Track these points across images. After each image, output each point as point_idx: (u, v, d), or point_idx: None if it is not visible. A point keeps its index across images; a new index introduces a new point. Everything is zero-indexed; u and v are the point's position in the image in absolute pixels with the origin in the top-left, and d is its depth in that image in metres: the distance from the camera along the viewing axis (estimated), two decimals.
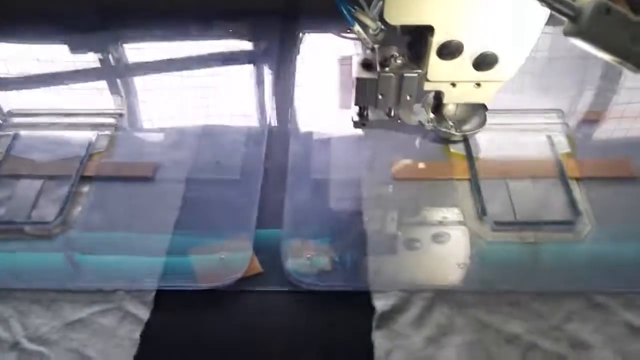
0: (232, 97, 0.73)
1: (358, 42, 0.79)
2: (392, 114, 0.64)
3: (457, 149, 0.64)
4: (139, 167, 0.62)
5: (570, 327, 0.50)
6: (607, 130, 0.68)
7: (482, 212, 0.57)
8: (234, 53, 0.79)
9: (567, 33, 0.42)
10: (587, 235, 0.56)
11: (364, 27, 0.60)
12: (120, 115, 0.69)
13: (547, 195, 0.60)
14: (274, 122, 0.69)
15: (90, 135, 0.66)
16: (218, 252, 0.55)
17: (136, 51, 0.81)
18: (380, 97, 0.59)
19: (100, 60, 0.80)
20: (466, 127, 0.63)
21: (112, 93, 0.74)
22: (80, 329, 0.50)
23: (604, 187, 0.60)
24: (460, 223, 0.57)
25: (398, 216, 0.58)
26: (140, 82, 0.76)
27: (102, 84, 0.76)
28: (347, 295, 0.52)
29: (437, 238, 0.56)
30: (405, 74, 0.57)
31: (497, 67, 0.56)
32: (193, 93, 0.73)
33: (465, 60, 0.55)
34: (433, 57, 0.55)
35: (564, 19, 0.42)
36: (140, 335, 0.49)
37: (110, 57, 0.80)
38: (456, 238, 0.56)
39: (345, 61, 0.74)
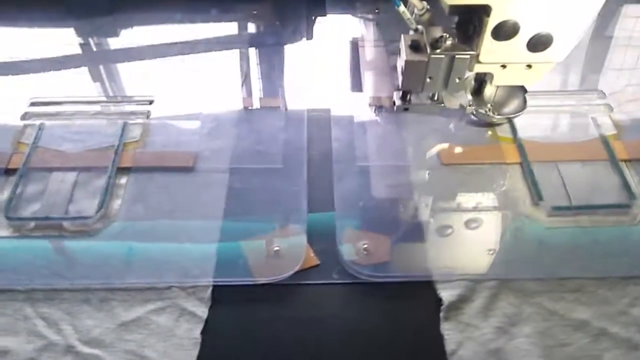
0: (264, 80, 0.70)
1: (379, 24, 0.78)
2: (437, 97, 0.62)
3: (504, 132, 0.63)
4: (178, 156, 0.60)
5: (637, 312, 0.49)
6: None
7: (538, 197, 0.56)
8: (259, 35, 0.76)
9: None
10: None
11: (409, 7, 0.57)
12: (151, 102, 0.66)
13: (599, 179, 0.59)
14: (310, 106, 0.67)
15: (120, 123, 0.63)
16: (271, 243, 0.53)
17: (155, 34, 0.77)
18: (428, 79, 0.57)
19: (108, 45, 0.76)
20: (506, 109, 0.62)
21: (141, 78, 0.71)
22: (136, 329, 0.48)
23: None
24: (516, 208, 0.56)
25: (451, 202, 0.57)
26: (165, 66, 0.72)
27: (124, 69, 0.73)
28: (408, 286, 0.51)
29: (494, 224, 0.55)
30: (457, 56, 0.55)
31: (550, 49, 0.54)
32: (222, 76, 0.70)
33: (519, 41, 0.53)
34: (487, 38, 0.53)
35: None
36: (201, 334, 0.47)
37: (128, 41, 0.76)
38: (513, 224, 0.55)
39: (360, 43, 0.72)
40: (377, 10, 0.78)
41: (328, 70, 0.72)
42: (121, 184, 0.58)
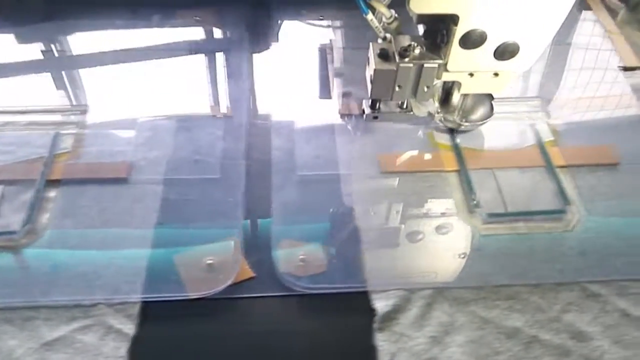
0: (205, 89, 0.69)
1: (331, 30, 0.78)
2: (406, 105, 0.61)
3: (444, 139, 0.63)
4: (111, 167, 0.58)
5: (568, 318, 0.50)
6: (588, 117, 0.68)
7: (474, 205, 0.56)
8: (201, 42, 0.75)
9: (623, 22, 0.41)
10: (576, 224, 0.56)
11: (377, 15, 0.57)
12: (84, 111, 0.64)
13: (536, 185, 0.59)
14: (252, 115, 0.66)
15: (52, 134, 0.61)
16: (205, 256, 0.51)
17: (94, 41, 0.75)
18: (397, 88, 0.57)
19: (53, 51, 0.74)
20: (474, 117, 0.62)
21: (71, 87, 0.69)
22: (61, 348, 0.46)
23: (590, 174, 0.60)
24: (452, 216, 0.56)
25: (390, 210, 0.57)
26: (102, 74, 0.70)
27: (58, 77, 0.70)
28: (345, 297, 0.51)
29: (431, 231, 0.55)
30: (425, 65, 0.55)
31: (517, 57, 0.54)
32: (162, 85, 0.69)
33: (487, 49, 0.54)
34: (455, 47, 0.53)
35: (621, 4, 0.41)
36: (128, 352, 0.46)
37: (64, 47, 0.74)
38: (450, 231, 0.55)
39: (327, 50, 0.72)
40: (321, 17, 0.78)
41: (275, 78, 0.71)
42: (50, 197, 0.56)
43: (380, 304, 0.49)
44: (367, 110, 0.62)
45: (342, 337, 0.49)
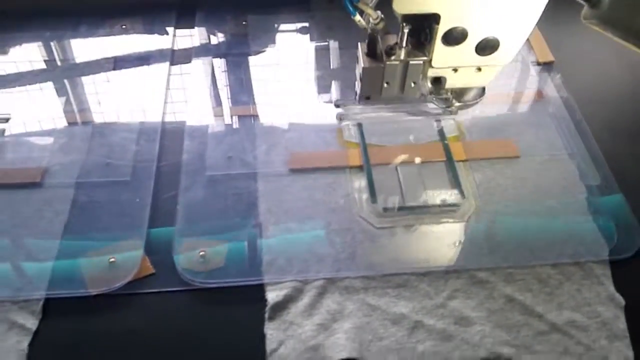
0: (124, 94, 0.71)
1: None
2: None
3: (351, 137, 0.66)
4: (25, 172, 0.60)
5: (454, 304, 0.53)
6: (494, 112, 0.70)
7: (372, 199, 0.59)
8: (128, 49, 0.77)
9: (585, 18, 0.43)
10: (470, 216, 0.59)
11: (364, 17, 0.59)
12: (7, 120, 0.67)
13: (434, 179, 0.62)
14: (167, 118, 0.68)
15: None
16: (108, 255, 0.54)
17: (22, 52, 0.78)
18: (386, 84, 0.59)
19: None
20: (466, 97, 0.64)
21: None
22: None
23: (489, 167, 0.63)
24: (350, 210, 0.59)
25: (292, 207, 0.59)
26: (25, 83, 0.73)
27: None
28: (242, 290, 0.53)
29: (329, 226, 0.58)
30: (411, 62, 0.57)
31: (497, 52, 0.57)
32: (83, 91, 0.72)
33: (468, 45, 0.56)
34: (438, 44, 0.56)
35: (583, 3, 0.43)
36: (29, 346, 0.48)
37: None
38: (347, 225, 0.58)
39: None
40: (244, 23, 0.80)
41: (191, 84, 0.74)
42: None
43: (272, 295, 0.52)
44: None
45: (235, 327, 0.51)
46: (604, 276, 0.54)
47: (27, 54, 0.76)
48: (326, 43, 0.79)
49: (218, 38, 0.80)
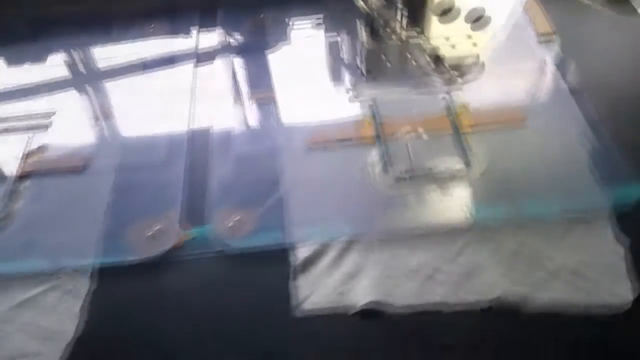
0: (152, 93, 0.77)
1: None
2: None
3: (365, 115, 0.71)
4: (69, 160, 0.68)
5: (468, 252, 0.57)
6: (501, 85, 0.74)
7: (385, 169, 0.64)
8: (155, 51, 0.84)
9: None
10: (478, 179, 0.63)
11: None
12: (52, 115, 0.74)
13: (443, 149, 0.66)
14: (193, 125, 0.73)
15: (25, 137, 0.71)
16: (149, 227, 0.60)
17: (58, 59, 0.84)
18: (388, 64, 0.64)
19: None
20: (467, 72, 0.69)
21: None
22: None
23: (495, 135, 0.67)
24: (366, 179, 0.64)
25: (313, 178, 0.65)
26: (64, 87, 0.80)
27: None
28: (271, 254, 0.58)
29: (348, 195, 0.63)
30: (411, 41, 0.62)
31: (486, 21, 0.62)
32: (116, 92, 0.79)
33: (459, 16, 0.61)
34: (433, 20, 0.61)
35: None
36: (80, 309, 0.55)
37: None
38: (365, 194, 0.63)
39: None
40: (262, 15, 0.86)
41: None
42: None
43: (302, 252, 0.58)
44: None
45: (267, 285, 0.56)
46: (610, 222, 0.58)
47: (64, 60, 0.83)
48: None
49: (236, 36, 0.85)
